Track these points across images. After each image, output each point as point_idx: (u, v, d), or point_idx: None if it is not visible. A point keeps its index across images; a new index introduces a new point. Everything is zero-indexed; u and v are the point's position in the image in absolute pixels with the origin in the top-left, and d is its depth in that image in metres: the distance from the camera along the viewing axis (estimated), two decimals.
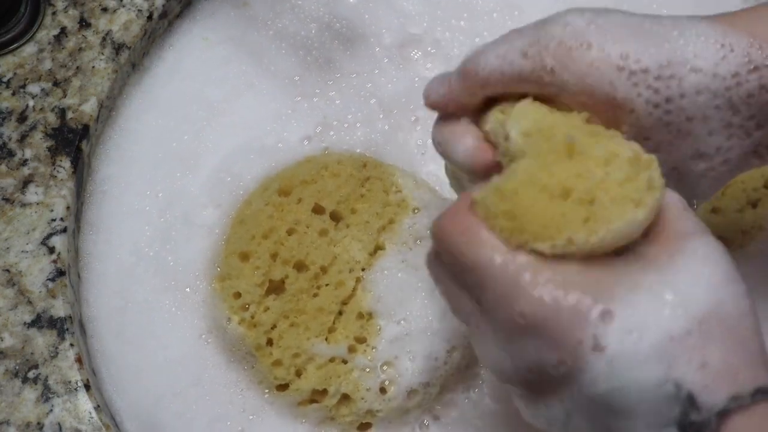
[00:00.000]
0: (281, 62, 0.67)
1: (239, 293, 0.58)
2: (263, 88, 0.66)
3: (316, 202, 0.60)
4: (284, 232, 0.59)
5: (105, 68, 0.63)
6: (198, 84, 0.66)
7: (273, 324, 0.57)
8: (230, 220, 0.61)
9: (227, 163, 0.63)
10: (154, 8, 0.65)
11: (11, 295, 0.57)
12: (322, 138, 0.64)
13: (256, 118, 0.65)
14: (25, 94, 0.62)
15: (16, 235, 0.59)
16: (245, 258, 0.59)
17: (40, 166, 0.60)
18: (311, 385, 0.56)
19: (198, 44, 0.67)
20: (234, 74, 0.66)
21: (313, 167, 0.61)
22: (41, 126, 0.61)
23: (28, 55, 0.63)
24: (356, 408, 0.57)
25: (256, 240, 0.59)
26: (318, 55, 0.67)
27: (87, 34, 0.64)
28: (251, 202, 0.61)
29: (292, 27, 0.68)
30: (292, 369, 0.57)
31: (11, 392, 0.55)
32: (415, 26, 0.68)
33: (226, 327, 0.58)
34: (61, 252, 0.58)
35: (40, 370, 0.56)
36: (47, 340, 0.56)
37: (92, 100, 0.62)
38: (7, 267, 0.58)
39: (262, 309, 0.58)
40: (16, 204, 0.59)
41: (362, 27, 0.67)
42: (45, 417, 0.55)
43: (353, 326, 0.57)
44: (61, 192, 0.60)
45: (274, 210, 0.60)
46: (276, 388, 0.57)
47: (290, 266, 0.58)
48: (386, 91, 0.66)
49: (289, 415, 0.57)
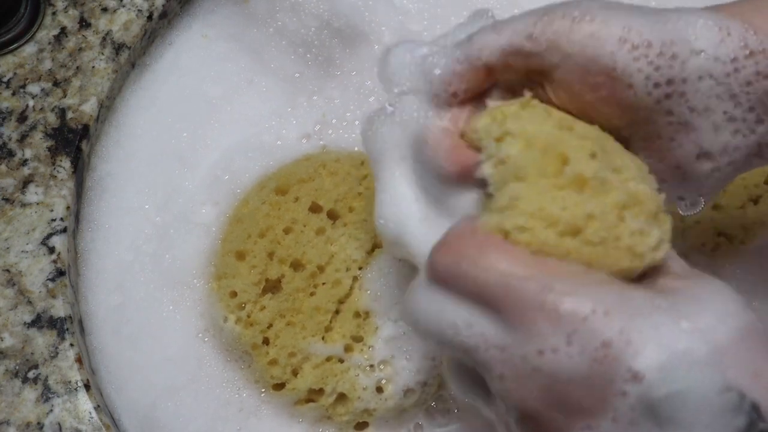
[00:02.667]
0: (281, 60, 0.67)
1: (236, 292, 0.58)
2: (262, 86, 0.66)
3: (314, 200, 0.60)
4: (281, 230, 0.59)
5: (105, 68, 0.63)
6: (197, 81, 0.66)
7: (269, 323, 0.57)
8: (227, 219, 0.61)
9: (225, 160, 0.63)
10: (154, 8, 0.65)
11: (11, 295, 0.58)
12: (320, 136, 0.64)
13: (254, 116, 0.65)
14: (25, 94, 0.62)
15: (16, 235, 0.59)
16: (242, 257, 0.59)
17: (40, 166, 0.61)
18: (308, 385, 0.57)
19: (197, 41, 0.67)
20: (233, 71, 0.66)
21: (311, 165, 0.61)
22: (41, 126, 0.62)
23: (28, 55, 0.64)
24: (353, 407, 0.57)
25: (253, 239, 0.59)
26: (317, 52, 0.67)
27: (87, 34, 0.64)
28: (248, 201, 0.61)
29: (292, 24, 0.68)
30: (288, 368, 0.57)
31: (11, 392, 0.56)
32: (414, 24, 0.68)
33: (223, 326, 0.58)
34: (61, 252, 0.59)
35: (40, 370, 0.56)
36: (47, 340, 0.57)
37: (92, 100, 0.63)
38: (7, 267, 0.58)
39: (259, 308, 0.58)
40: (16, 204, 0.60)
41: (362, 25, 0.67)
42: (45, 417, 0.55)
43: (350, 325, 0.57)
44: (61, 192, 0.60)
45: (271, 209, 0.60)
46: (272, 387, 0.57)
47: (287, 265, 0.58)
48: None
49: (285, 415, 0.58)
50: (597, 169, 0.42)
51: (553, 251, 0.41)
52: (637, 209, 0.42)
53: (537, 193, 0.42)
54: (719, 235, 0.62)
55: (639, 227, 0.41)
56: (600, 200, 0.41)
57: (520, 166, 0.42)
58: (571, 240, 0.41)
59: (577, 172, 0.42)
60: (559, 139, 0.43)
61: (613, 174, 0.42)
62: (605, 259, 0.41)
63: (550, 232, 0.41)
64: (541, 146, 0.43)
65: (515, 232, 0.41)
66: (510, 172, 0.43)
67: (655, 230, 0.42)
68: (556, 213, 0.41)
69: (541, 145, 0.43)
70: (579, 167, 0.42)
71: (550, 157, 0.42)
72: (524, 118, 0.44)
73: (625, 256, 0.41)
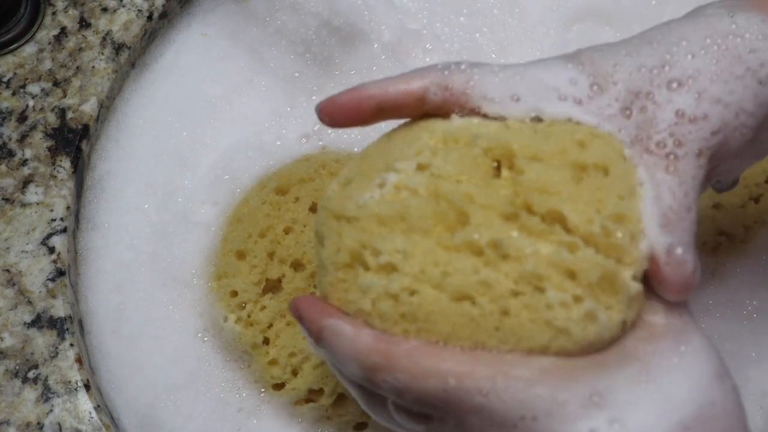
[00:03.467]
0: (280, 59, 0.67)
1: (236, 292, 0.58)
2: (262, 85, 0.66)
3: (314, 200, 0.60)
4: (281, 230, 0.59)
5: (105, 68, 0.63)
6: (197, 80, 0.66)
7: (269, 323, 0.57)
8: (227, 218, 0.61)
9: (225, 160, 0.63)
10: (154, 8, 0.65)
11: (11, 295, 0.58)
12: (320, 136, 0.64)
13: (254, 115, 0.65)
14: (25, 94, 0.62)
15: (16, 235, 0.59)
16: (242, 256, 0.59)
17: (40, 166, 0.61)
18: (307, 385, 0.56)
19: (197, 40, 0.67)
20: (233, 70, 0.66)
21: (311, 166, 0.61)
22: (41, 126, 0.62)
23: (28, 55, 0.64)
24: (352, 408, 0.57)
25: (253, 238, 0.59)
26: (317, 51, 0.67)
27: (87, 34, 0.64)
28: (248, 201, 0.61)
29: (292, 23, 0.68)
30: (288, 368, 0.57)
31: (11, 392, 0.56)
32: (414, 22, 0.67)
33: (223, 325, 0.58)
34: (61, 252, 0.59)
35: (40, 370, 0.56)
36: (47, 340, 0.57)
37: (92, 100, 0.63)
38: (7, 267, 0.58)
39: (259, 308, 0.58)
40: (16, 204, 0.60)
41: (361, 23, 0.67)
42: (45, 417, 0.55)
43: None
44: (61, 192, 0.60)
45: (271, 208, 0.60)
46: (272, 387, 0.57)
47: (287, 265, 0.58)
48: None
49: (285, 415, 0.57)
50: (504, 233, 0.39)
51: (453, 316, 0.38)
52: (559, 279, 0.38)
53: (420, 250, 0.39)
54: (720, 234, 0.61)
55: (559, 299, 0.38)
56: (494, 267, 0.38)
57: (411, 213, 0.40)
58: (472, 306, 0.38)
59: (468, 236, 0.39)
60: (470, 194, 0.40)
61: (539, 239, 0.39)
62: (520, 333, 0.38)
63: (442, 296, 0.38)
64: (441, 200, 0.40)
65: (404, 298, 0.39)
66: (403, 212, 0.40)
67: (586, 302, 0.38)
68: (438, 276, 0.38)
69: (442, 199, 0.40)
70: (471, 231, 0.39)
71: (446, 215, 0.40)
72: (453, 155, 0.41)
73: (545, 331, 0.38)
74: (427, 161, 0.41)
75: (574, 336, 0.38)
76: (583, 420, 0.37)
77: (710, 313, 0.60)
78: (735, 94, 0.42)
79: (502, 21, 0.67)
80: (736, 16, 0.43)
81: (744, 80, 0.42)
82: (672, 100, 0.42)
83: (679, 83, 0.42)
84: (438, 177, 0.41)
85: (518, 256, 0.38)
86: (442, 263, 0.39)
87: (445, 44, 0.67)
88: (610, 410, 0.37)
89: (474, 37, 0.67)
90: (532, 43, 0.66)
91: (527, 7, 0.67)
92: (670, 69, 0.42)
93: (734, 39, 0.42)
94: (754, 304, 0.60)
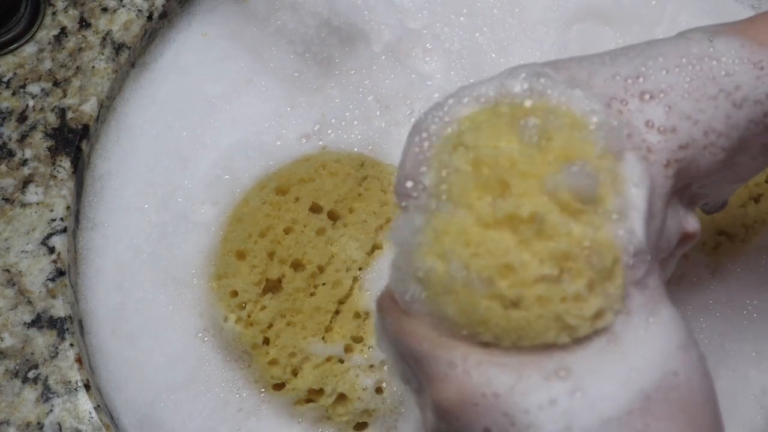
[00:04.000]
0: (280, 59, 0.67)
1: (236, 292, 0.58)
2: (262, 85, 0.66)
3: (314, 201, 0.60)
4: (281, 230, 0.59)
5: (105, 68, 0.63)
6: (197, 80, 0.66)
7: (270, 323, 0.57)
8: (227, 218, 0.61)
9: (225, 160, 0.63)
10: (154, 8, 0.65)
11: (11, 295, 0.58)
12: (320, 136, 0.64)
13: (254, 115, 0.65)
14: (25, 94, 0.62)
15: (16, 235, 0.59)
16: (242, 256, 0.59)
17: (40, 166, 0.61)
18: (308, 385, 0.56)
19: (197, 40, 0.67)
20: (233, 70, 0.66)
21: (311, 166, 0.61)
22: (41, 126, 0.62)
23: (28, 55, 0.64)
24: (353, 407, 0.57)
25: (253, 238, 0.59)
26: (317, 51, 0.67)
27: (87, 34, 0.64)
28: (248, 200, 0.61)
29: (292, 23, 0.68)
30: (288, 368, 0.57)
31: (11, 392, 0.56)
32: (414, 22, 0.67)
33: (223, 325, 0.58)
34: (61, 252, 0.59)
35: (40, 370, 0.56)
36: (47, 340, 0.57)
37: (92, 100, 0.63)
38: (7, 267, 0.58)
39: (259, 308, 0.58)
40: (16, 204, 0.60)
41: (361, 23, 0.67)
42: (45, 417, 0.55)
43: (350, 326, 0.57)
44: (61, 192, 0.60)
45: (272, 208, 0.60)
46: (272, 387, 0.57)
47: (287, 265, 0.58)
48: (384, 88, 0.65)
49: (285, 415, 0.57)
50: (544, 207, 0.36)
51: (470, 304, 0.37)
52: (576, 263, 0.36)
53: (457, 229, 0.37)
54: (720, 233, 0.61)
55: (574, 290, 0.36)
56: (530, 248, 0.36)
57: (452, 190, 0.38)
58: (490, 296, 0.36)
59: (510, 208, 0.36)
60: (509, 162, 0.38)
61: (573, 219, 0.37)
62: (526, 330, 0.37)
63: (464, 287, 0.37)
64: (482, 168, 0.38)
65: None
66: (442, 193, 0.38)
67: (598, 298, 0.37)
68: (465, 258, 0.36)
69: (483, 166, 0.38)
70: (514, 202, 0.36)
71: (488, 183, 0.37)
72: (485, 129, 0.39)
73: (552, 327, 0.37)
74: (457, 141, 0.40)
75: (578, 333, 0.37)
76: (544, 390, 0.37)
77: (710, 313, 0.60)
78: (705, 113, 0.43)
79: (502, 21, 0.67)
80: (716, 40, 0.44)
81: (716, 101, 0.43)
82: (643, 110, 0.42)
83: (651, 95, 0.43)
84: (474, 147, 0.39)
85: (553, 234, 0.37)
86: (474, 243, 0.37)
87: (445, 44, 0.67)
88: (572, 381, 0.37)
89: (474, 36, 0.67)
90: (532, 43, 0.66)
91: (527, 7, 0.67)
92: (644, 80, 0.43)
93: (710, 61, 0.43)
94: (754, 304, 0.60)
